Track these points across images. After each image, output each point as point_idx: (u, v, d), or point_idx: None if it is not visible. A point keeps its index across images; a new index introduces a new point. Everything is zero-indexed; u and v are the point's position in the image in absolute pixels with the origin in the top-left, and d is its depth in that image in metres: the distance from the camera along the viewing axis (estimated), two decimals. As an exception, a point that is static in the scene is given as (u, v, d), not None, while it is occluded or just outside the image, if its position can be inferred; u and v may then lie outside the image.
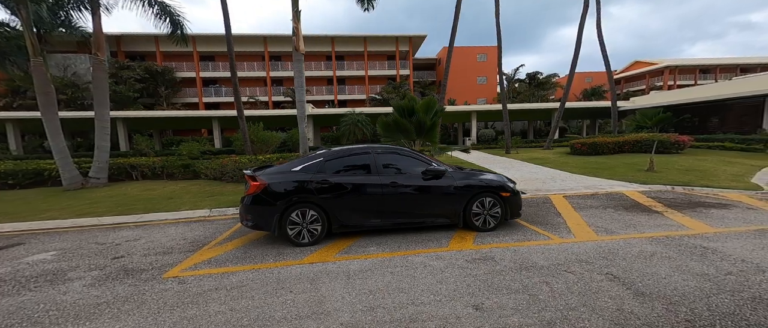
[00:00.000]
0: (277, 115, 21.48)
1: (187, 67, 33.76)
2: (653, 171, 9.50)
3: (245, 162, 10.68)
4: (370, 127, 18.55)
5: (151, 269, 3.66)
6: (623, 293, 2.72)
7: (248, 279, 3.29)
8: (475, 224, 4.46)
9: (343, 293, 2.92)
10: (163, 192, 9.11)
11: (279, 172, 4.37)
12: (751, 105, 17.60)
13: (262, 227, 4.19)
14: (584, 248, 3.79)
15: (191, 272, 3.52)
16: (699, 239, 3.97)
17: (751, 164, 11.26)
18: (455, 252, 3.80)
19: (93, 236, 5.17)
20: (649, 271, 3.13)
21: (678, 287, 2.79)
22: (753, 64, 44.51)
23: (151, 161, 12.23)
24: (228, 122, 23.88)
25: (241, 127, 13.73)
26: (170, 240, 4.74)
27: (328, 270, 3.43)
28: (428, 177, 4.45)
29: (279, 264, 3.65)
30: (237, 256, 3.96)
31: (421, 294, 2.83)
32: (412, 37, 32.33)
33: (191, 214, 6.43)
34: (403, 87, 30.17)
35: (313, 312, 2.61)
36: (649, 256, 3.50)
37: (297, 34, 10.90)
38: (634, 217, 5.08)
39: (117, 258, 4.06)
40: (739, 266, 3.17)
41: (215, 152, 19.98)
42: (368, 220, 4.31)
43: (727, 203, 5.90)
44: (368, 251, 3.93)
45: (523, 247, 3.89)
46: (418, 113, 7.76)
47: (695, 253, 3.54)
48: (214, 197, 7.99)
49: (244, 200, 4.31)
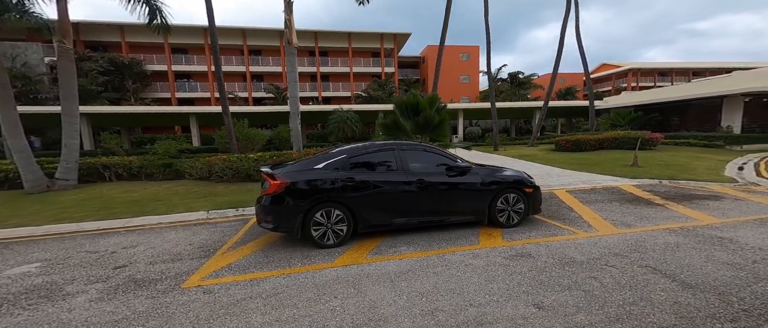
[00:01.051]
0: (263, 111, 20.62)
1: (158, 59, 31.63)
2: (637, 166, 10.05)
3: (235, 160, 10.12)
4: (359, 125, 18.27)
5: (164, 278, 3.30)
6: (672, 286, 2.77)
7: (282, 285, 3.04)
8: (500, 221, 4.44)
9: (392, 296, 2.76)
10: (145, 194, 8.41)
11: (301, 170, 4.10)
12: (710, 105, 19.20)
13: (284, 229, 3.92)
14: (612, 242, 3.87)
15: (214, 281, 3.20)
16: (712, 230, 4.19)
17: (717, 158, 12.25)
18: (489, 250, 3.74)
19: (78, 243, 4.62)
20: (684, 262, 3.24)
21: (718, 277, 2.89)
22: (702, 68, 48.79)
23: (128, 161, 11.30)
24: (207, 119, 22.65)
25: (226, 124, 12.99)
26: (174, 246, 4.33)
27: (366, 273, 3.25)
28: (453, 174, 4.37)
29: (309, 268, 3.42)
30: (259, 261, 3.67)
31: (475, 295, 2.73)
32: (397, 35, 32.23)
33: (187, 217, 5.96)
34: (389, 85, 30.05)
35: (369, 319, 2.43)
36: (676, 247, 3.63)
37: (290, 27, 10.47)
38: (642, 210, 5.30)
39: (119, 268, 3.63)
40: (760, 255, 3.35)
41: (194, 151, 18.85)
42: (395, 219, 4.15)
43: (716, 194, 6.32)
44: (400, 251, 3.79)
45: (553, 242, 3.91)
46: (425, 110, 7.66)
47: (715, 243, 3.72)
48: (206, 198, 7.48)
49: (262, 200, 4.01)
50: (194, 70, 32.32)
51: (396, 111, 8.73)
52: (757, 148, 15.71)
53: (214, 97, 32.33)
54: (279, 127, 18.32)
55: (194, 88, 32.55)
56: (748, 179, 8.18)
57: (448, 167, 4.40)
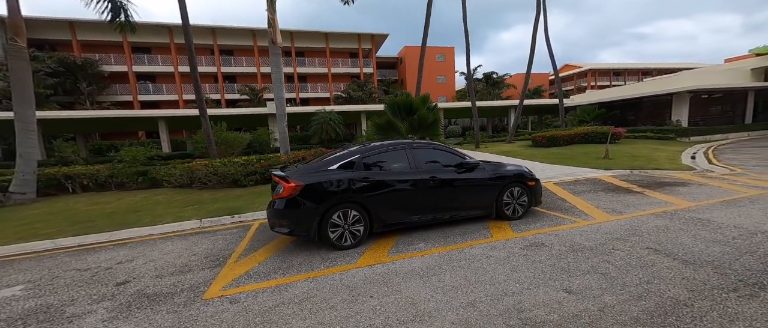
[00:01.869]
0: (242, 114, 19.72)
1: (117, 59, 29.30)
2: (609, 158, 10.88)
3: (219, 166, 9.66)
4: (342, 127, 18.10)
5: (180, 291, 3.11)
6: (674, 264, 3.07)
7: (312, 289, 2.99)
8: (507, 214, 4.65)
9: (427, 292, 2.81)
10: (121, 205, 7.81)
11: (315, 171, 4.03)
12: (662, 102, 21.22)
13: (300, 233, 3.84)
14: (610, 228, 4.19)
15: (236, 289, 3.07)
16: (690, 213, 4.66)
17: (672, 149, 13.57)
18: (504, 241, 3.91)
19: (62, 262, 4.21)
20: (677, 242, 3.59)
21: (709, 254, 3.25)
22: (650, 68, 53.83)
23: (94, 170, 10.40)
24: (179, 123, 21.33)
25: (205, 128, 12.35)
26: (177, 257, 4.08)
27: (393, 271, 3.27)
28: (462, 170, 4.50)
29: (334, 270, 3.38)
30: (277, 266, 3.56)
31: (506, 284, 2.86)
32: (375, 35, 32.26)
33: (178, 226, 5.62)
34: (368, 85, 30.02)
35: (414, 315, 2.47)
36: (666, 229, 4.01)
37: (273, 26, 10.17)
38: (625, 197, 5.77)
39: (122, 284, 3.36)
40: (736, 232, 3.80)
41: (166, 157, 17.66)
42: (410, 217, 4.21)
43: (682, 181, 7.02)
44: (418, 248, 3.85)
45: (560, 231, 4.17)
46: (419, 110, 7.79)
47: (697, 224, 4.15)
48: (194, 207, 7.08)
49: (275, 204, 3.90)
50: (159, 71, 30.29)
51: (387, 111, 8.78)
52: (702, 139, 17.59)
53: (182, 99, 30.53)
54: (258, 130, 17.70)
55: (159, 91, 30.50)
56: (703, 167, 9.16)
57: (458, 164, 4.53)
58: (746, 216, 4.37)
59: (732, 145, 14.92)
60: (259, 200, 7.25)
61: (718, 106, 21.03)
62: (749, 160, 10.06)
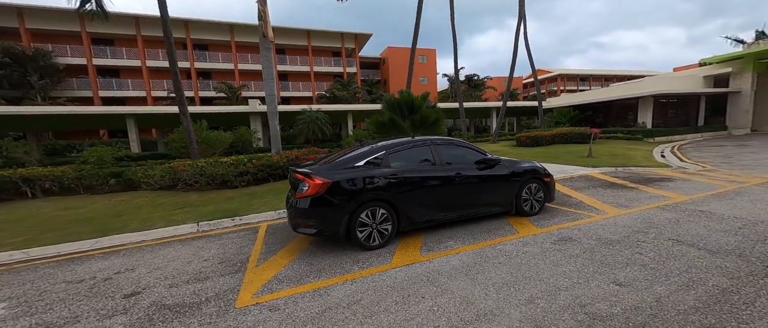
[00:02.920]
0: (222, 112, 18.60)
1: (74, 51, 26.77)
2: (592, 157, 11.48)
3: (206, 166, 9.04)
4: (328, 126, 17.69)
5: (204, 301, 2.80)
6: (701, 254, 3.22)
7: (355, 292, 2.80)
8: (525, 210, 4.69)
9: (479, 290, 2.73)
10: (97, 209, 7.08)
11: (341, 168, 3.82)
12: (629, 105, 22.84)
13: (328, 232, 3.62)
14: (626, 221, 4.35)
15: (271, 296, 2.82)
16: (689, 206, 4.97)
17: (643, 148, 14.59)
18: (532, 237, 3.92)
19: (44, 274, 3.69)
20: (692, 233, 3.79)
21: (727, 243, 3.45)
22: (611, 75, 57.97)
23: (59, 172, 9.36)
24: (149, 121, 19.80)
25: (186, 126, 11.52)
26: (184, 264, 3.70)
27: (435, 270, 3.16)
28: (483, 167, 4.49)
29: (370, 271, 3.21)
30: (305, 270, 3.33)
31: (555, 279, 2.84)
32: (358, 35, 31.89)
33: (173, 231, 5.15)
34: (352, 85, 29.63)
35: (476, 315, 2.37)
36: (677, 222, 4.23)
37: (265, 19, 9.70)
38: (625, 193, 6.06)
39: (130, 296, 2.98)
40: (740, 222, 4.08)
41: (136, 158, 16.34)
42: (437, 214, 4.12)
43: (666, 177, 7.52)
44: (449, 246, 3.76)
45: (582, 225, 4.26)
46: (421, 108, 7.74)
47: (701, 216, 4.42)
48: (185, 210, 6.55)
49: (299, 203, 3.65)
50: (123, 65, 28.02)
51: (386, 110, 8.67)
52: (665, 139, 19.12)
53: (151, 96, 28.48)
54: (240, 128, 16.85)
55: (124, 86, 28.23)
56: (677, 164, 9.91)
57: (478, 161, 4.51)
58: (740, 208, 4.72)
59: (691, 145, 16.32)
60: (256, 201, 6.85)
61: (676, 110, 23.00)
62: (713, 157, 11.02)
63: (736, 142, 15.82)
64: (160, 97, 28.49)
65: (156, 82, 29.06)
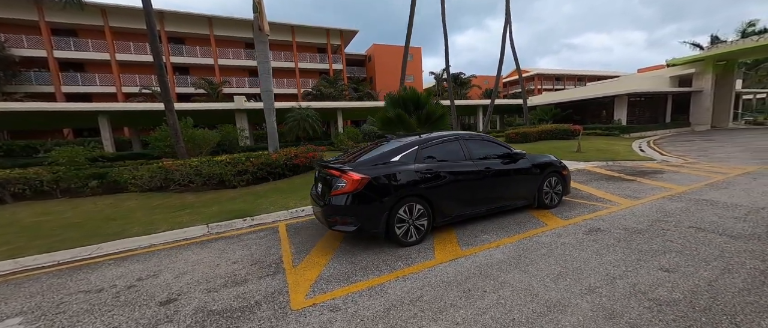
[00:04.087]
0: (207, 109, 17.60)
1: (31, 42, 24.49)
2: (581, 152, 12.00)
3: (201, 165, 8.57)
4: (319, 124, 17.31)
5: (254, 304, 2.64)
6: (726, 239, 3.43)
7: (413, 288, 2.74)
8: (545, 203, 4.81)
9: (537, 282, 2.75)
10: (84, 214, 6.55)
11: (378, 163, 3.73)
12: (605, 103, 24.16)
13: (368, 229, 3.52)
14: (643, 211, 4.56)
15: (325, 296, 2.70)
16: (691, 195, 5.30)
17: (623, 144, 15.44)
18: (561, 229, 4.02)
19: (51, 284, 3.34)
20: (707, 220, 4.03)
21: (742, 229, 3.69)
22: (584, 75, 61.04)
23: (33, 174, 8.54)
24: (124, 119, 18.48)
25: (172, 124, 10.85)
26: (211, 268, 3.48)
27: (482, 264, 3.16)
28: (507, 161, 4.55)
29: (418, 267, 3.15)
30: (349, 268, 3.22)
31: (605, 268, 2.92)
32: (344, 31, 31.37)
33: (182, 234, 4.84)
34: (339, 82, 29.15)
35: (546, 306, 2.38)
36: (687, 210, 4.49)
37: (260, 11, 9.33)
38: (628, 185, 6.38)
39: (168, 303, 2.76)
40: (742, 210, 4.39)
41: (112, 158, 15.23)
42: (468, 209, 4.13)
43: (656, 170, 7.99)
44: (485, 240, 3.78)
45: (604, 216, 4.42)
46: (427, 104, 7.75)
47: (706, 204, 4.72)
48: (186, 211, 6.18)
49: (335, 199, 3.53)
50: (89, 58, 25.98)
51: (389, 106, 8.62)
52: (638, 135, 20.35)
53: (121, 92, 26.65)
54: (227, 126, 16.13)
55: (90, 81, 26.19)
56: (659, 158, 10.58)
57: (504, 155, 4.57)
58: (736, 196, 5.10)
59: (664, 140, 17.49)
60: (262, 201, 6.58)
61: (646, 108, 24.59)
62: (688, 151, 11.86)
63: (702, 138, 17.12)
64: (132, 93, 26.72)
65: (127, 78, 27.21)
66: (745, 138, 15.33)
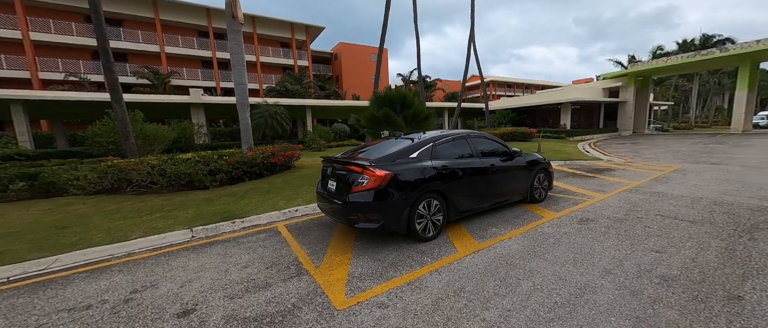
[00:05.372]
0: (158, 102, 15.53)
1: None
2: (541, 152, 13.18)
3: (158, 164, 7.68)
4: (288, 121, 16.52)
5: (293, 308, 2.47)
6: (686, 224, 4.06)
7: (451, 281, 2.80)
8: (535, 197, 5.23)
9: (561, 268, 2.99)
10: (17, 222, 5.53)
11: (398, 159, 3.71)
12: (553, 109, 26.87)
13: (390, 226, 3.49)
14: (616, 202, 5.18)
15: (366, 294, 2.63)
16: (645, 189, 6.15)
17: (571, 145, 17.29)
18: (558, 220, 4.41)
19: (12, 304, 2.75)
20: (667, 209, 4.73)
21: (695, 215, 4.41)
22: (531, 84, 67.01)
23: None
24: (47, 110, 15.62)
25: (121, 118, 9.51)
26: (220, 274, 3.17)
27: (504, 255, 3.33)
28: (505, 158, 4.85)
29: (446, 260, 3.22)
30: (376, 266, 3.17)
31: (609, 252, 3.28)
32: (310, 27, 30.25)
33: (162, 240, 4.32)
34: (304, 78, 28.05)
35: (579, 289, 2.61)
36: (648, 201, 5.21)
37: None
38: (591, 181, 7.19)
39: (186, 314, 2.45)
40: (688, 199, 5.23)
41: (34, 156, 12.86)
42: (477, 203, 4.31)
43: (609, 168, 9.13)
44: (495, 233, 3.98)
45: (586, 208, 4.94)
46: (414, 103, 7.89)
47: (659, 196, 5.54)
48: (155, 215, 5.51)
49: (356, 196, 3.45)
50: (-8, 37, 21.59)
51: (373, 105, 8.61)
52: (579, 138, 22.95)
53: (38, 78, 22.61)
54: (183, 122, 14.59)
55: (-5, 64, 21.76)
56: (605, 157, 12.09)
57: (503, 152, 4.86)
58: (677, 189, 6.06)
59: (601, 142, 19.96)
60: (244, 202, 6.13)
61: (584, 115, 27.91)
62: (625, 152, 13.73)
63: (630, 141, 19.92)
64: (53, 80, 22.83)
65: (45, 62, 23.15)
66: (662, 141, 18.21)
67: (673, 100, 42.07)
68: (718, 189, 5.89)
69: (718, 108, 46.07)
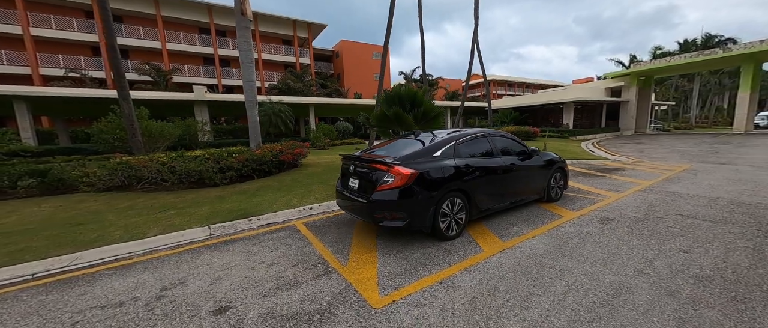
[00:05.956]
0: (163, 100, 15.45)
1: None
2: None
3: (168, 161, 7.65)
4: (292, 119, 16.46)
5: (329, 306, 2.46)
6: (709, 224, 4.06)
7: (483, 279, 2.79)
8: (551, 196, 5.22)
9: (590, 267, 2.98)
10: (30, 219, 5.50)
11: (423, 158, 3.69)
12: (555, 109, 26.88)
13: (416, 224, 3.48)
14: (633, 202, 5.18)
15: (400, 293, 2.62)
16: (659, 188, 6.16)
17: (574, 145, 17.30)
18: (578, 219, 4.40)
19: (42, 301, 2.75)
20: (686, 208, 4.73)
21: (715, 215, 4.41)
22: (531, 83, 66.99)
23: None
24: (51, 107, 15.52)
25: (128, 114, 9.47)
26: (248, 271, 3.15)
27: (531, 253, 3.32)
28: (524, 157, 4.84)
29: (474, 259, 3.21)
30: (404, 265, 3.15)
31: (637, 252, 3.27)
32: (312, 24, 30.08)
33: (180, 237, 4.31)
34: (306, 76, 27.94)
35: (615, 289, 2.60)
36: (665, 201, 5.21)
37: (243, -6, 8.56)
38: (603, 180, 7.19)
39: (222, 312, 2.44)
40: (704, 199, 5.23)
41: (38, 153, 12.78)
42: (497, 202, 4.30)
43: (617, 167, 9.13)
44: (517, 232, 3.97)
45: (604, 207, 4.94)
46: (424, 102, 7.87)
47: (676, 196, 5.54)
48: (169, 212, 5.50)
49: (381, 195, 3.44)
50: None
51: (383, 103, 8.59)
52: (581, 138, 22.99)
53: (39, 74, 22.46)
54: (187, 119, 14.53)
55: (-6, 60, 21.59)
56: (612, 157, 12.10)
57: (520, 151, 4.85)
58: (692, 188, 6.06)
59: (604, 142, 20.00)
60: (257, 200, 6.11)
61: (586, 114, 27.93)
62: (630, 151, 13.74)
63: (633, 140, 19.95)
64: (54, 76, 22.68)
65: (46, 58, 22.98)
66: (666, 141, 18.25)
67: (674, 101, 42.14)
68: (733, 189, 5.90)
69: (718, 108, 46.19)
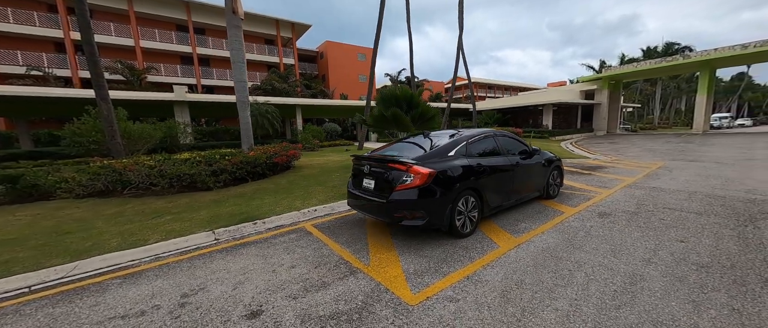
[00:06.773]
0: (141, 100, 14.63)
1: None
2: (532, 152, 13.73)
3: (152, 164, 7.31)
4: (279, 121, 16.11)
5: (363, 305, 2.47)
6: (694, 215, 4.41)
7: (507, 274, 2.89)
8: (550, 194, 5.47)
9: (603, 258, 3.16)
10: (11, 227, 5.09)
11: (437, 158, 3.77)
12: (536, 110, 28.01)
13: (435, 223, 3.55)
14: (622, 197, 5.52)
15: (431, 289, 2.67)
16: (642, 184, 6.59)
17: (555, 144, 18.07)
18: (579, 214, 4.64)
19: (46, 313, 2.59)
20: (671, 202, 5.11)
21: (697, 207, 4.79)
22: (510, 86, 69.39)
23: None
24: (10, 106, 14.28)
25: (106, 115, 8.94)
26: (270, 274, 3.10)
27: (544, 247, 3.48)
28: (526, 156, 5.04)
29: (493, 255, 3.32)
30: (427, 263, 3.21)
31: (640, 243, 3.50)
32: (295, 24, 29.54)
33: (185, 243, 4.16)
34: (291, 77, 27.38)
35: (632, 278, 2.78)
36: (651, 196, 5.60)
37: (234, -8, 8.33)
38: (590, 177, 7.59)
39: (255, 315, 2.39)
40: (684, 193, 5.67)
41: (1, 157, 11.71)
42: (505, 200, 4.45)
43: (601, 166, 9.66)
44: (526, 228, 4.13)
45: (599, 203, 5.23)
46: (420, 103, 7.99)
47: (658, 191, 5.96)
48: (164, 217, 5.27)
49: (400, 194, 3.49)
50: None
51: (380, 104, 8.64)
52: (560, 138, 24.10)
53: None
54: (168, 121, 13.85)
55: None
56: (591, 156, 12.78)
57: (522, 151, 5.05)
58: (671, 184, 6.54)
59: (581, 141, 21.04)
60: (256, 203, 5.98)
61: (564, 115, 29.30)
62: (607, 150, 14.56)
63: (607, 140, 21.13)
64: (13, 74, 20.94)
65: (4, 54, 21.17)
66: (637, 140, 19.48)
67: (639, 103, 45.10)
68: (706, 184, 6.42)
69: (677, 110, 49.92)
